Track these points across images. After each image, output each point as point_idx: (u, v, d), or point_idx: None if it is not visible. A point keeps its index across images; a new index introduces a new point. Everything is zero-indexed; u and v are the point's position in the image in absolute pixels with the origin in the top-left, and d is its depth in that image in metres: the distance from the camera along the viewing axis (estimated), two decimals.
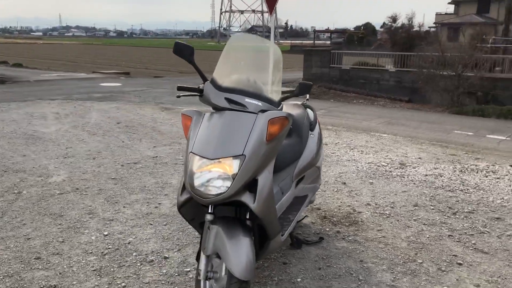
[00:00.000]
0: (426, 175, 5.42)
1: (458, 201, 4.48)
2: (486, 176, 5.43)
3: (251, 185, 2.45)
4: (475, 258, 3.28)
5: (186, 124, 2.69)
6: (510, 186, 5.05)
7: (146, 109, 10.31)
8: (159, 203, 4.37)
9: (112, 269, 3.12)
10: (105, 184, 4.89)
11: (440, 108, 12.99)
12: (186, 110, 2.75)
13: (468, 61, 12.60)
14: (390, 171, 5.55)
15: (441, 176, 5.36)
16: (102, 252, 3.37)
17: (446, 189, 4.87)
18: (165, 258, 3.28)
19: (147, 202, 4.39)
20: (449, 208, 4.27)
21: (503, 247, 3.45)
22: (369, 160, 6.09)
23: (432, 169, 5.70)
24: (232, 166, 2.38)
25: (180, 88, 2.87)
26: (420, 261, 3.22)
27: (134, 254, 3.35)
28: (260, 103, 2.62)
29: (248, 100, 2.61)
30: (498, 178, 5.35)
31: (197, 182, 2.41)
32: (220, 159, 2.39)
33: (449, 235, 3.65)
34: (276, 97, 2.73)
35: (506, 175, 5.51)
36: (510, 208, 4.29)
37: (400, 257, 3.28)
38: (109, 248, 3.44)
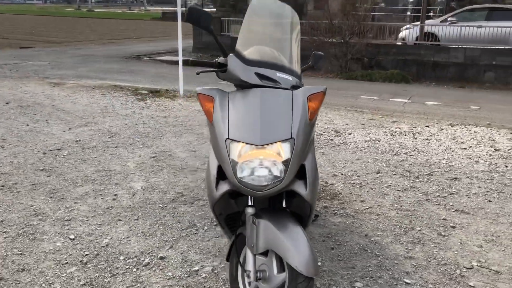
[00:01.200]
0: (365, 141, 5.59)
1: (411, 164, 4.69)
2: (416, 138, 5.78)
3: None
4: (462, 219, 3.45)
5: (208, 106, 2.31)
6: (441, 146, 5.44)
7: (32, 85, 9.05)
8: (115, 195, 3.84)
9: (106, 280, 2.65)
10: (36, 177, 4.16)
11: (331, 74, 13.58)
12: (203, 88, 2.36)
13: (355, 29, 13.28)
14: (331, 139, 5.61)
15: (379, 141, 5.57)
16: (81, 261, 2.84)
17: (392, 154, 5.07)
18: (162, 258, 2.88)
19: (100, 195, 3.83)
20: (408, 172, 4.45)
21: (477, 206, 3.69)
22: None
23: (365, 134, 5.90)
24: (283, 151, 2.11)
25: (195, 63, 2.47)
26: (419, 228, 3.29)
27: (122, 258, 2.88)
28: (290, 78, 2.36)
29: (279, 74, 2.32)
30: (426, 140, 5.72)
31: (243, 173, 2.10)
32: (269, 145, 2.10)
33: (427, 199, 3.79)
34: (298, 69, 2.48)
35: (430, 135, 5.93)
36: (459, 167, 4.62)
37: (398, 226, 3.32)
38: (87, 254, 2.91)
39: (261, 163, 2.09)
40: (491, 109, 8.05)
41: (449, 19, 13.64)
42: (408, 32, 13.97)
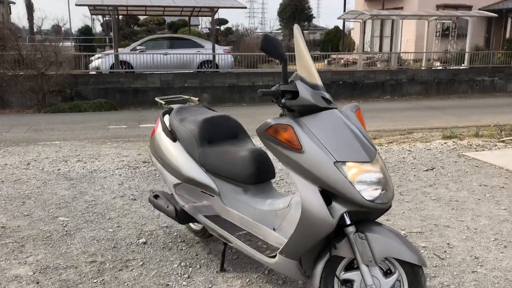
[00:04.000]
0: None
1: None
2: None
3: None
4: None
5: (288, 135, 2.29)
6: None
7: None
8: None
9: None
10: None
11: (30, 109, 12.26)
12: (275, 118, 2.28)
13: (50, 60, 12.32)
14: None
15: None
16: None
17: None
18: None
19: None
20: None
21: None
22: (125, 164, 5.59)
23: None
24: (380, 163, 2.30)
25: (264, 94, 2.27)
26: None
27: None
28: None
29: (328, 95, 2.45)
30: None
31: (365, 190, 2.16)
32: (374, 159, 2.25)
33: None
34: None
35: None
36: None
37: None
38: None
39: (376, 178, 2.20)
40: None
41: (138, 47, 14.46)
42: (101, 61, 14.03)
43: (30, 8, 24.08)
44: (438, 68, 16.49)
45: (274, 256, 2.49)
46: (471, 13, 17.17)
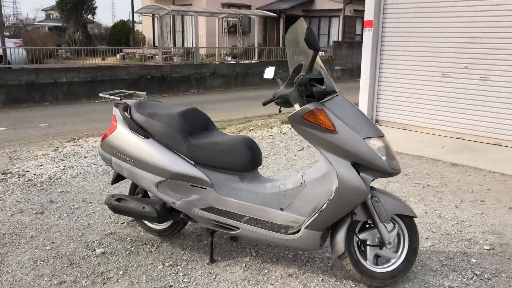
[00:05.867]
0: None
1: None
2: None
3: None
4: None
5: (322, 117, 2.58)
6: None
7: None
8: None
9: None
10: None
11: None
12: (310, 104, 2.47)
13: None
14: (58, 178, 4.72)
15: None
16: None
17: None
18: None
19: None
20: None
21: None
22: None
23: (37, 166, 5.26)
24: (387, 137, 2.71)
25: (302, 82, 2.41)
26: None
27: None
28: None
29: None
30: None
31: (388, 159, 2.54)
32: (384, 135, 2.65)
33: None
34: None
35: None
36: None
37: None
38: None
39: (390, 149, 2.59)
40: (62, 123, 8.39)
41: None
42: None
43: None
44: (231, 62, 17.84)
45: (294, 232, 2.67)
46: (256, 12, 19.08)
